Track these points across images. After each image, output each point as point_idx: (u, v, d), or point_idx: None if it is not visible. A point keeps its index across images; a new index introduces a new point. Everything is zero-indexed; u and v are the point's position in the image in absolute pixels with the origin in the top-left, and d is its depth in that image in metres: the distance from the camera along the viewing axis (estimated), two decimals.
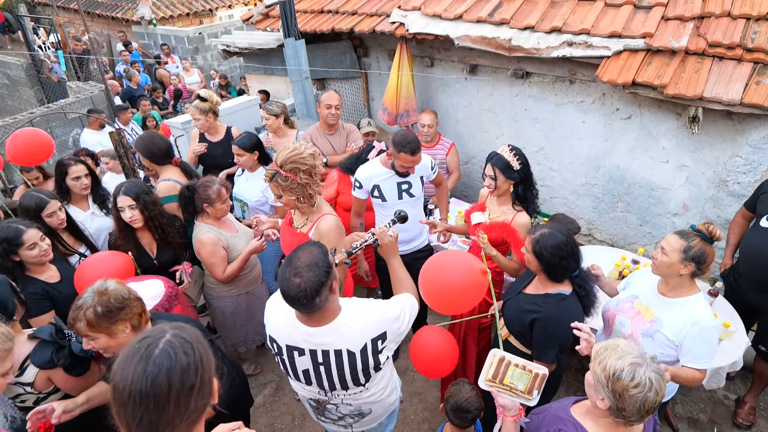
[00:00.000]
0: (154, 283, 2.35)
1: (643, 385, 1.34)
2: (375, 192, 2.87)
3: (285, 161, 2.17)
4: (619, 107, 3.62)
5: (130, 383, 0.96)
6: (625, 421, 1.41)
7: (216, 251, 2.70)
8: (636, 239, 3.98)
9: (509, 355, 1.83)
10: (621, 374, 1.35)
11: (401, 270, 2.00)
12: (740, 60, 2.98)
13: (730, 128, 3.16)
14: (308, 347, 1.69)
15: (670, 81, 3.00)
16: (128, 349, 1.02)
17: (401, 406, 3.18)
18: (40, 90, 9.06)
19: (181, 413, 1.00)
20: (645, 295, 2.10)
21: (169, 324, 1.08)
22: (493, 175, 2.55)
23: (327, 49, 5.08)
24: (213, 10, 12.52)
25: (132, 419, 0.97)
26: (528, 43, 3.54)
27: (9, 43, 13.00)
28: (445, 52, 4.45)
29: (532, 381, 1.78)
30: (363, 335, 1.68)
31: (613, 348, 1.43)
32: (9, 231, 2.23)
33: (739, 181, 3.23)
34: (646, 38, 3.20)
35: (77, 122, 6.67)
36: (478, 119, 4.55)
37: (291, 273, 1.52)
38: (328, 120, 3.64)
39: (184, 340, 1.04)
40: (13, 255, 2.25)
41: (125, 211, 2.60)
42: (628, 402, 1.35)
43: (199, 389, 1.02)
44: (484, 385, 1.81)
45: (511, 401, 1.75)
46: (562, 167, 4.16)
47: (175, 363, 0.99)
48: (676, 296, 2.00)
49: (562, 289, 2.03)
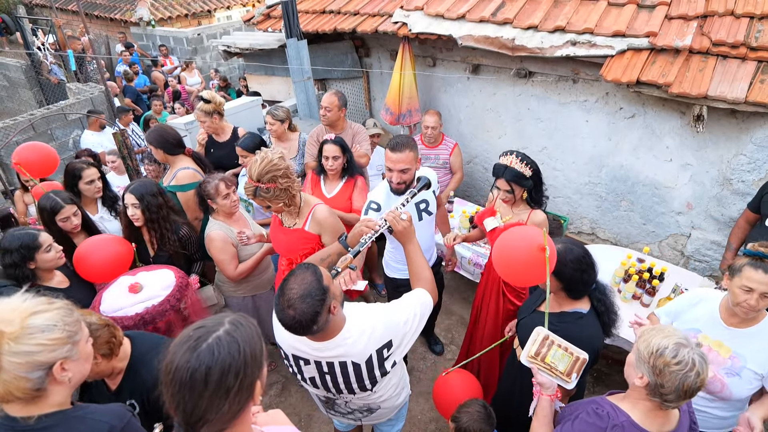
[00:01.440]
0: (165, 273, 2.34)
1: (684, 363, 1.35)
2: None
3: (261, 174, 2.15)
4: (623, 106, 3.63)
5: (174, 369, 1.01)
6: (662, 400, 1.40)
7: (225, 248, 2.71)
8: (639, 238, 3.98)
9: (553, 335, 1.79)
10: (664, 351, 1.37)
11: (419, 257, 1.86)
12: (744, 59, 2.99)
13: (734, 127, 3.17)
14: (313, 359, 1.69)
15: (675, 80, 3.01)
16: (184, 334, 1.05)
17: (407, 406, 3.19)
18: (39, 91, 9.02)
19: (213, 411, 1.01)
20: (709, 328, 1.95)
21: (231, 317, 1.09)
22: (510, 189, 2.49)
23: (328, 49, 5.08)
24: (211, 11, 12.51)
25: (172, 401, 1.02)
26: (531, 42, 3.54)
27: (6, 44, 12.95)
28: (448, 51, 4.45)
29: (572, 364, 1.75)
30: (368, 347, 1.65)
31: (660, 329, 1.45)
32: (25, 237, 2.21)
33: (744, 180, 3.24)
34: (649, 37, 3.20)
35: (77, 123, 6.64)
36: (481, 119, 4.56)
37: (285, 305, 1.46)
38: (321, 120, 3.64)
39: (233, 339, 1.04)
40: (30, 261, 2.22)
41: (129, 208, 2.65)
42: (668, 378, 1.36)
43: (237, 392, 1.03)
44: (525, 361, 1.79)
45: (549, 380, 1.74)
46: (566, 166, 4.17)
47: (216, 363, 1.00)
48: (750, 325, 1.87)
49: (579, 307, 1.94)
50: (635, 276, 2.99)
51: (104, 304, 2.14)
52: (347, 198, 3.08)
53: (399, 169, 2.31)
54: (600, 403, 1.56)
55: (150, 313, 2.10)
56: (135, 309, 2.10)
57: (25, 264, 2.21)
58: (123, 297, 2.16)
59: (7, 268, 2.19)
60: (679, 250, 3.80)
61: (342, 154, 3.00)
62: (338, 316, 1.60)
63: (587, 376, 2.12)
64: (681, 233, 3.73)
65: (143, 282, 2.24)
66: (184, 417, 1.02)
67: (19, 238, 2.20)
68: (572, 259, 1.84)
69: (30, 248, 2.20)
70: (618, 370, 3.23)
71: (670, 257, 3.83)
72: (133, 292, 2.17)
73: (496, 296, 2.78)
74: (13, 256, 2.18)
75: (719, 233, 3.51)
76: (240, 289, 2.91)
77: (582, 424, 1.53)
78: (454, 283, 4.34)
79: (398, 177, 2.34)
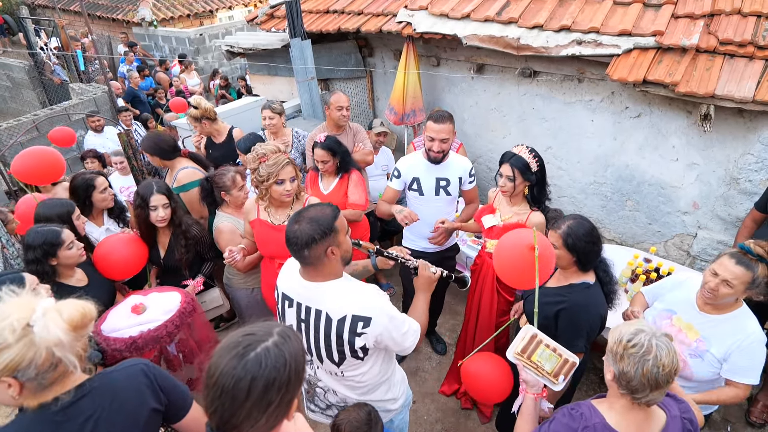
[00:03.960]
0: (171, 296, 2.22)
1: (640, 346, 1.36)
2: (414, 185, 2.86)
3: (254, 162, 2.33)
4: (629, 106, 3.61)
5: (219, 375, 0.99)
6: (630, 392, 1.39)
7: (233, 239, 2.73)
8: (645, 238, 3.97)
9: (542, 334, 1.80)
10: (622, 336, 1.41)
11: (424, 306, 1.94)
12: (752, 58, 2.97)
13: (741, 126, 3.15)
14: (296, 299, 1.74)
15: (682, 79, 3.00)
16: (232, 338, 1.04)
17: (413, 407, 3.18)
18: (42, 92, 9.04)
19: (250, 422, 1.00)
20: (684, 311, 2.05)
21: (279, 327, 1.07)
22: (512, 176, 2.47)
23: (332, 49, 5.07)
24: (213, 11, 12.51)
25: (210, 404, 1.01)
26: (537, 42, 3.53)
27: (9, 45, 12.97)
28: (452, 51, 4.44)
29: (560, 365, 1.75)
30: (346, 307, 1.65)
31: (631, 323, 1.46)
32: (48, 234, 2.21)
33: (751, 179, 3.22)
34: (656, 36, 3.19)
35: (80, 124, 6.65)
36: (485, 119, 4.54)
37: (294, 218, 1.62)
38: (340, 121, 3.61)
39: (281, 353, 1.03)
40: (52, 258, 2.22)
41: (158, 209, 2.59)
42: (626, 363, 1.36)
43: (276, 407, 1.02)
44: (511, 357, 1.80)
45: (534, 378, 1.74)
46: (571, 166, 4.15)
47: (262, 375, 0.99)
48: (721, 313, 1.95)
49: (586, 278, 2.04)
50: (642, 276, 2.98)
51: (106, 322, 2.06)
52: (343, 194, 3.11)
53: (440, 138, 2.63)
54: (579, 405, 1.56)
55: (143, 337, 1.97)
56: (130, 332, 1.99)
57: (47, 260, 2.20)
58: (124, 317, 2.07)
59: (29, 264, 2.19)
60: (685, 250, 3.78)
61: (332, 157, 3.01)
62: (335, 265, 1.67)
63: (589, 375, 2.13)
64: (687, 233, 3.72)
65: (148, 303, 2.15)
66: (219, 422, 1.01)
67: (42, 235, 2.20)
68: (584, 233, 1.95)
69: (53, 245, 2.20)
70: None
71: (676, 257, 3.82)
72: (135, 313, 2.08)
73: (489, 293, 2.80)
74: (36, 252, 2.18)
75: (726, 233, 3.49)
76: (249, 280, 2.91)
77: (557, 424, 1.53)
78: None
79: (439, 146, 2.65)
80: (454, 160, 2.86)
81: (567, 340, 1.99)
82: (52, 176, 2.93)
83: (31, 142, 5.61)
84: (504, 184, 2.53)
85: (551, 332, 2.06)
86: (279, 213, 2.53)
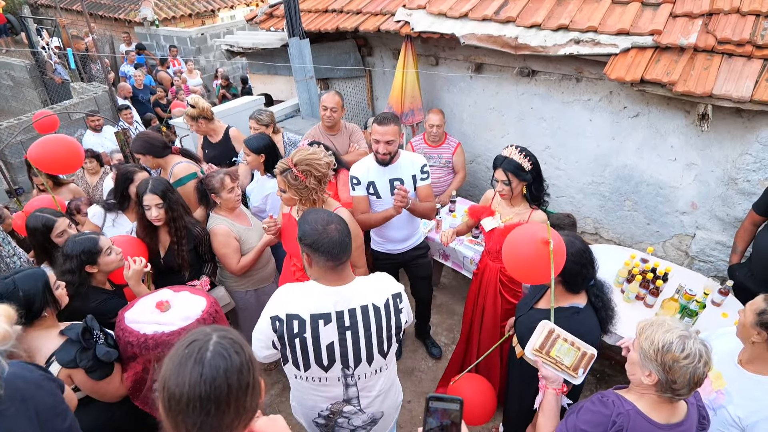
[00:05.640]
0: (197, 301, 2.08)
1: (693, 356, 1.34)
2: (370, 189, 2.84)
3: (300, 161, 2.16)
4: (627, 105, 3.60)
5: (188, 389, 0.94)
6: (673, 394, 1.39)
7: (228, 242, 2.72)
8: (643, 238, 3.95)
9: (559, 329, 1.77)
10: (671, 347, 1.36)
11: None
12: (750, 57, 2.96)
13: (739, 126, 3.13)
14: (334, 310, 1.66)
15: (679, 78, 2.98)
16: (177, 355, 0.99)
17: (409, 407, 3.18)
18: (43, 91, 9.07)
19: (239, 413, 0.99)
20: (722, 358, 1.82)
21: (211, 326, 1.07)
22: (507, 180, 2.45)
23: (331, 48, 5.07)
24: (215, 10, 12.52)
25: (192, 426, 0.95)
26: (535, 41, 3.52)
27: (12, 44, 13.02)
28: (450, 50, 4.43)
29: (579, 359, 1.72)
30: (381, 291, 1.74)
31: (659, 323, 1.43)
32: (86, 242, 2.20)
33: (749, 179, 3.20)
34: (654, 35, 3.18)
35: (81, 123, 6.67)
36: (484, 118, 4.53)
37: (323, 225, 1.63)
38: (324, 122, 3.61)
39: (232, 341, 1.03)
40: (91, 266, 2.21)
41: (151, 209, 2.56)
42: (678, 374, 1.34)
43: (253, 387, 1.02)
44: (530, 354, 1.77)
45: (554, 374, 1.72)
46: (569, 166, 4.14)
47: (231, 363, 0.98)
48: (757, 371, 1.71)
49: (576, 302, 1.94)
50: (639, 276, 2.96)
51: (131, 311, 2.02)
52: (333, 194, 3.10)
53: (385, 140, 2.65)
54: (605, 393, 1.56)
55: (155, 338, 1.90)
56: (147, 328, 1.94)
57: (83, 269, 2.20)
58: (147, 311, 2.01)
59: (65, 274, 2.17)
60: (683, 251, 3.77)
61: None
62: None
63: (587, 376, 2.10)
64: (685, 233, 3.70)
65: (175, 302, 2.07)
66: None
67: (80, 244, 2.18)
68: (573, 253, 1.85)
69: (92, 253, 2.20)
70: (621, 371, 3.21)
71: (674, 257, 3.80)
72: (159, 309, 2.02)
73: (493, 296, 2.77)
74: (73, 263, 2.17)
75: (724, 233, 3.47)
76: (243, 283, 2.91)
77: (587, 413, 1.52)
78: (456, 282, 4.33)
79: (384, 148, 2.67)
80: (405, 158, 2.82)
81: None
82: (71, 166, 2.97)
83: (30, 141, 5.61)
84: (501, 189, 2.50)
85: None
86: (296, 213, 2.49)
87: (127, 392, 1.98)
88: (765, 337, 1.63)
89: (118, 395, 1.98)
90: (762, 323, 1.62)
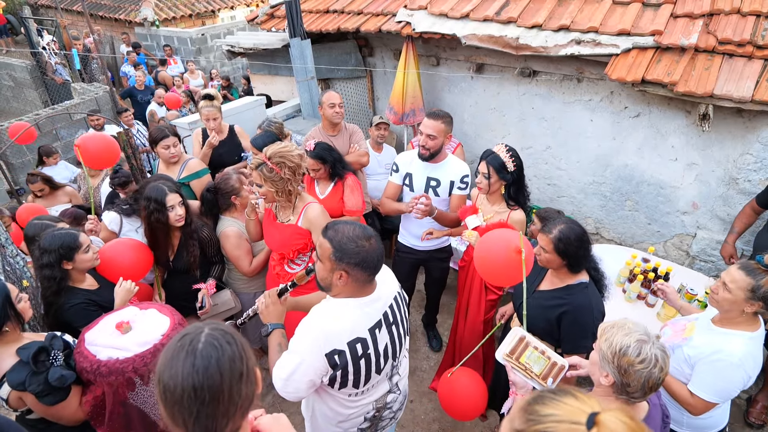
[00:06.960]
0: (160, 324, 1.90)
1: (648, 361, 1.36)
2: (407, 180, 2.91)
3: (273, 154, 2.28)
4: (628, 105, 3.61)
5: (182, 380, 0.95)
6: (628, 397, 1.42)
7: (240, 244, 2.74)
8: (644, 238, 3.96)
9: (530, 337, 1.82)
10: (627, 350, 1.38)
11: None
12: (751, 57, 2.97)
13: (740, 126, 3.14)
14: (381, 312, 1.68)
15: (680, 78, 2.99)
16: (170, 349, 1.01)
17: (411, 406, 3.18)
18: (44, 92, 9.08)
19: (235, 401, 1.00)
20: (702, 320, 2.02)
21: (204, 322, 1.08)
22: (487, 173, 2.51)
23: (332, 48, 5.08)
24: (215, 11, 12.53)
25: (188, 416, 0.96)
26: (536, 41, 3.52)
27: (12, 45, 13.03)
28: (451, 51, 4.44)
29: (548, 368, 1.76)
30: (395, 284, 1.81)
31: (620, 326, 1.45)
32: (65, 237, 2.16)
33: (750, 179, 3.21)
34: (655, 36, 3.18)
35: (82, 123, 6.68)
36: (485, 118, 4.54)
37: (360, 239, 1.52)
38: (333, 119, 3.57)
39: (224, 332, 1.04)
40: (67, 262, 2.16)
41: (176, 208, 2.56)
42: (633, 378, 1.37)
43: (248, 376, 1.03)
44: (500, 358, 1.83)
45: (522, 380, 1.75)
46: (570, 166, 4.15)
47: (222, 353, 0.99)
48: (725, 327, 1.88)
49: (581, 278, 2.05)
50: (640, 276, 2.97)
51: (92, 331, 1.87)
52: (338, 199, 3.08)
53: (427, 133, 2.67)
54: None
55: (108, 365, 1.73)
56: (101, 353, 1.77)
57: (60, 265, 2.15)
58: (107, 332, 1.85)
59: (43, 269, 2.13)
60: (684, 250, 3.78)
61: (322, 164, 2.98)
62: None
63: None
64: (686, 233, 3.71)
65: (137, 323, 1.90)
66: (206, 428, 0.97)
67: (60, 238, 2.14)
68: (575, 238, 1.96)
69: (70, 248, 2.15)
70: None
71: (675, 257, 3.81)
72: (118, 330, 1.86)
73: (479, 289, 2.81)
74: (51, 256, 2.12)
75: (725, 233, 3.48)
76: (253, 285, 2.92)
77: None
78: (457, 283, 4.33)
79: (424, 140, 2.69)
80: (450, 163, 2.84)
81: (573, 342, 2.01)
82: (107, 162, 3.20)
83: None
84: (480, 180, 2.56)
85: (554, 336, 2.07)
86: (281, 211, 2.53)
87: (86, 417, 1.83)
88: (759, 307, 1.76)
89: (75, 420, 1.83)
90: (758, 297, 1.74)
